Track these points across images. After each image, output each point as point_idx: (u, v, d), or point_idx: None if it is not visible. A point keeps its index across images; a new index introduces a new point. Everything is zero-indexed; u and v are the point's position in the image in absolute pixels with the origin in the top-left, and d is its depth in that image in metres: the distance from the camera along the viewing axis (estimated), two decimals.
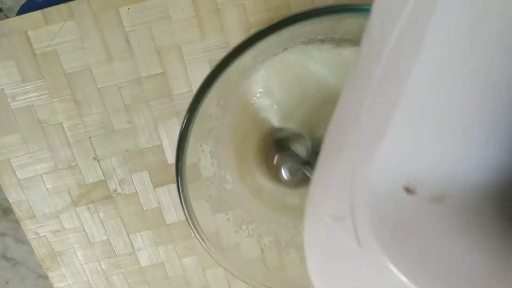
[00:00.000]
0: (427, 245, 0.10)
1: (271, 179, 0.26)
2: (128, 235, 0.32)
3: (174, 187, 0.28)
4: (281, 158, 0.25)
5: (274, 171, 0.25)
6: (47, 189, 0.31)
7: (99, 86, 0.29)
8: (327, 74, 0.24)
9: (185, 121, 0.19)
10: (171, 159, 0.31)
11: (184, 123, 0.19)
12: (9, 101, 0.29)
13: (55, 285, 0.33)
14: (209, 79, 0.19)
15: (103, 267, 0.33)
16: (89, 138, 0.30)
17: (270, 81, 0.24)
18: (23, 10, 0.27)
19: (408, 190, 0.11)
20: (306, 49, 0.23)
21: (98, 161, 0.30)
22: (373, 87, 0.11)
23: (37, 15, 0.27)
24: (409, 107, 0.10)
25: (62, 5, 0.27)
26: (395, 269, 0.10)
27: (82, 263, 0.33)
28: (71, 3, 0.27)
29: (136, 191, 0.31)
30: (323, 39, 0.23)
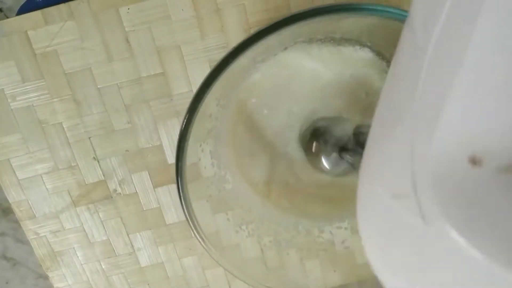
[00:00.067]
0: (498, 218, 0.10)
1: (312, 168, 0.25)
2: (128, 235, 0.32)
3: (174, 187, 0.28)
4: (319, 146, 0.24)
5: (313, 159, 0.25)
6: (47, 189, 0.31)
7: (99, 86, 0.29)
8: (325, 69, 0.24)
9: (185, 121, 0.19)
10: (171, 159, 0.31)
11: (184, 123, 0.19)
12: (9, 101, 0.29)
13: (55, 285, 0.33)
14: (209, 79, 0.19)
15: (103, 267, 0.33)
16: (89, 138, 0.30)
17: (268, 81, 0.24)
18: (23, 10, 0.27)
19: (474, 161, 0.10)
20: (306, 48, 0.23)
21: (98, 161, 0.30)
22: (430, 54, 0.11)
23: (37, 15, 0.27)
24: (473, 70, 0.09)
25: (62, 5, 0.27)
26: (468, 245, 0.09)
27: (82, 263, 0.33)
28: (71, 3, 0.27)
29: (136, 191, 0.31)
30: (323, 39, 0.23)
